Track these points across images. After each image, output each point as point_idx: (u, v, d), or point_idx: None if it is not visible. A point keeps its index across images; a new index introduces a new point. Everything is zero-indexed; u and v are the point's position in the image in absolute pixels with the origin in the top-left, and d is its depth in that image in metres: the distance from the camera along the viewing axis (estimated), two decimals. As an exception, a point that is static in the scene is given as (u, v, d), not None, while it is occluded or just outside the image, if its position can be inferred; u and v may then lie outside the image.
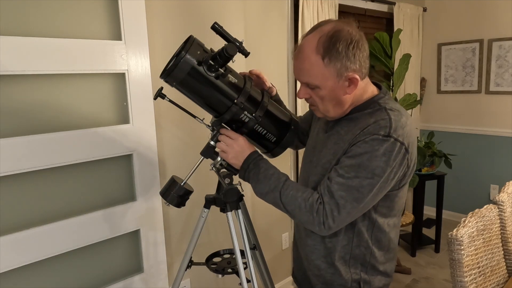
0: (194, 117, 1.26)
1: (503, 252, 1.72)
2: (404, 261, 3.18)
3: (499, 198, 1.74)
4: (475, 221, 1.55)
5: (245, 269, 1.36)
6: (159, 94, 1.19)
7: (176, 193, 1.24)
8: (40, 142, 1.40)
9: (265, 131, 1.19)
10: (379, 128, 1.00)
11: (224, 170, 1.22)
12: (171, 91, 1.17)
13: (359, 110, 1.08)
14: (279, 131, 1.21)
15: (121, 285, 1.69)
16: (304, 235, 1.20)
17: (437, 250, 3.35)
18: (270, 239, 2.61)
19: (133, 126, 1.64)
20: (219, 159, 1.19)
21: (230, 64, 1.11)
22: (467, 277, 1.49)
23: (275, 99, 1.32)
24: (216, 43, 1.14)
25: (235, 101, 1.11)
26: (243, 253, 1.35)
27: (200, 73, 1.06)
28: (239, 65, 1.34)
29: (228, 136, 1.16)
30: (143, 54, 1.63)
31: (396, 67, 2.95)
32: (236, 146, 1.15)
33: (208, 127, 1.23)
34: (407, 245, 3.42)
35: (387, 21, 3.51)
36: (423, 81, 3.96)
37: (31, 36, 1.36)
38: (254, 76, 1.25)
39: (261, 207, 2.39)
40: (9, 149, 1.33)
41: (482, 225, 1.58)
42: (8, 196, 1.38)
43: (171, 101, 1.22)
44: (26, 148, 1.37)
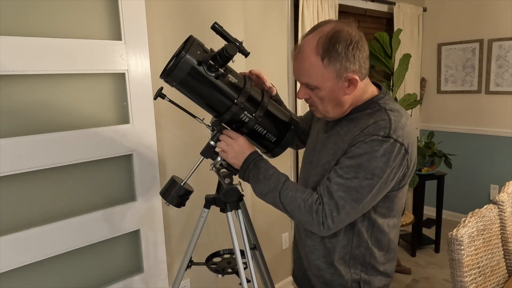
0: (194, 117, 1.26)
1: (503, 252, 1.72)
2: (404, 261, 3.18)
3: (499, 198, 1.74)
4: (475, 221, 1.55)
5: (245, 269, 1.36)
6: (159, 94, 1.19)
7: (176, 193, 1.24)
8: (40, 142, 1.40)
9: (265, 131, 1.18)
10: (379, 128, 1.00)
11: (224, 170, 1.22)
12: (171, 91, 1.17)
13: (359, 110, 1.08)
14: (279, 131, 1.21)
15: (121, 285, 1.69)
16: (304, 235, 1.20)
17: (437, 250, 3.35)
18: (270, 239, 2.61)
19: (133, 126, 1.64)
20: (219, 159, 1.19)
21: (230, 64, 1.10)
22: (467, 277, 1.49)
23: (275, 99, 1.31)
24: (216, 43, 1.14)
25: (235, 101, 1.11)
26: (243, 253, 1.35)
27: (200, 73, 1.06)
28: (239, 65, 1.34)
29: (228, 136, 1.16)
30: (143, 54, 1.63)
31: (396, 67, 2.95)
32: (236, 146, 1.15)
33: (208, 127, 1.23)
34: (407, 245, 3.42)
35: (387, 21, 3.51)
36: (423, 81, 3.96)
37: (31, 36, 1.36)
38: (254, 76, 1.25)
39: (261, 207, 2.39)
40: (9, 149, 1.33)
41: (482, 225, 1.58)
42: (8, 196, 1.38)
43: (171, 101, 1.22)
44: (26, 148, 1.37)
